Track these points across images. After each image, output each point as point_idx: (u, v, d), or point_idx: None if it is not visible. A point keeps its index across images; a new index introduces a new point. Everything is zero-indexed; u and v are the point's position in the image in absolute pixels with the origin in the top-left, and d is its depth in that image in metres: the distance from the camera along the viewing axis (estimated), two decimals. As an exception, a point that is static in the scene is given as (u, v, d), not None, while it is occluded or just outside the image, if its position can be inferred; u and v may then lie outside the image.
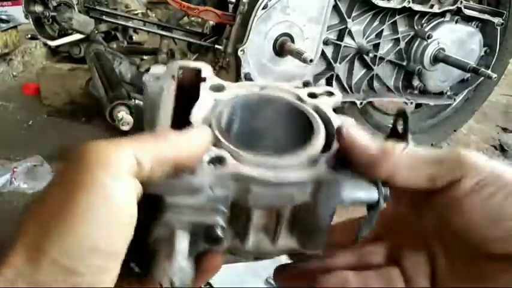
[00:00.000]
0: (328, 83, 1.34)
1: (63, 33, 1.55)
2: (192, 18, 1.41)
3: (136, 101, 1.00)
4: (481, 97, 1.85)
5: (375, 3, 1.24)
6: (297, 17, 1.14)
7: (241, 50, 1.09)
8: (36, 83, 2.40)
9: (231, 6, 1.15)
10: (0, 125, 2.10)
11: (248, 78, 1.14)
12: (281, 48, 1.14)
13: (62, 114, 2.19)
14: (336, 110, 1.37)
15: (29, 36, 1.90)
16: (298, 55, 1.09)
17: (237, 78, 1.15)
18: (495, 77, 1.29)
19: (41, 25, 1.53)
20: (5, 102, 2.35)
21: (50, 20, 1.46)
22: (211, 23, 1.26)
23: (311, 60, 1.06)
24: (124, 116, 0.92)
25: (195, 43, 1.24)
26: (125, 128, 0.93)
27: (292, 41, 1.15)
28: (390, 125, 1.33)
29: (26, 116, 2.19)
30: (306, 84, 1.39)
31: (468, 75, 1.52)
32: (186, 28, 1.31)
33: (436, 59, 1.40)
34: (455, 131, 1.89)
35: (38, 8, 1.48)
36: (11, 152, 1.81)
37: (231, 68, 1.18)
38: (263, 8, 1.07)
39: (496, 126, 2.21)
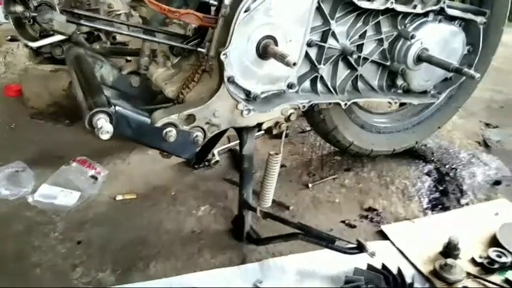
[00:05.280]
0: (313, 84, 1.33)
1: (44, 34, 1.52)
2: (174, 20, 1.39)
3: (117, 108, 0.98)
4: (464, 94, 1.87)
5: (358, 4, 1.23)
6: (280, 19, 1.13)
7: (223, 54, 1.07)
8: (18, 84, 2.36)
9: (213, 9, 1.14)
10: (-18, 128, 2.06)
11: (231, 81, 1.13)
12: (264, 50, 1.13)
13: (45, 116, 2.16)
14: (320, 110, 1.37)
15: (9, 38, 1.87)
16: (281, 58, 1.08)
17: (220, 82, 1.13)
18: (478, 77, 1.30)
19: (21, 26, 1.50)
20: (-14, 104, 2.31)
21: (31, 20, 1.42)
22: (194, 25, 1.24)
23: (294, 64, 1.05)
24: (103, 124, 0.91)
25: (177, 46, 1.22)
26: (105, 137, 0.91)
27: (276, 43, 1.14)
28: (375, 124, 1.34)
29: (8, 118, 2.16)
30: (290, 86, 1.40)
31: (452, 74, 1.53)
32: (167, 31, 1.29)
33: (420, 59, 1.40)
34: (439, 127, 1.90)
35: (18, 9, 1.44)
36: (-8, 157, 1.77)
37: (214, 72, 1.17)
38: (245, 11, 1.06)
39: (479, 121, 2.24)
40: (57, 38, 1.47)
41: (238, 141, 1.79)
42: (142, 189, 1.61)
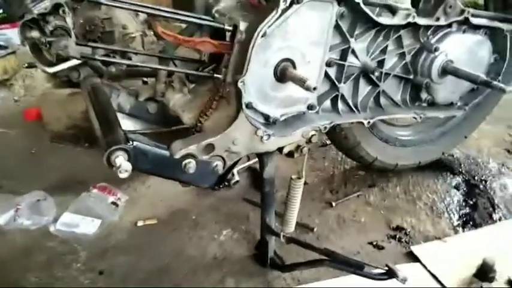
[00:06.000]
0: (333, 103, 1.29)
1: (61, 58, 1.52)
2: (190, 44, 1.37)
3: (135, 143, 0.96)
4: (492, 101, 1.79)
5: (378, 21, 1.19)
6: (298, 41, 1.09)
7: (241, 81, 1.04)
8: (38, 108, 2.38)
9: (228, 34, 1.11)
10: (3, 154, 2.08)
11: (250, 107, 1.10)
12: (282, 74, 1.10)
13: (64, 139, 2.16)
14: (342, 128, 1.33)
15: (26, 65, 1.87)
16: (300, 82, 1.04)
17: (239, 109, 1.10)
18: (510, 90, 1.23)
19: (38, 50, 1.50)
20: (8, 129, 2.34)
21: (47, 45, 1.42)
22: (209, 50, 1.21)
23: (314, 88, 1.01)
24: (122, 163, 0.89)
25: (193, 74, 1.19)
26: (123, 175, 0.89)
27: (294, 66, 1.11)
28: (399, 137, 1.28)
29: (28, 143, 2.17)
30: (310, 107, 1.35)
31: (478, 84, 1.46)
32: (183, 57, 1.27)
33: (445, 72, 1.34)
34: (466, 137, 1.83)
35: (35, 34, 1.44)
36: (14, 184, 1.79)
37: (231, 98, 1.14)
38: (262, 36, 1.03)
39: (507, 127, 2.15)
40: (74, 62, 1.46)
41: (257, 159, 1.77)
42: (163, 214, 1.59)
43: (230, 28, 1.08)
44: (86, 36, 1.95)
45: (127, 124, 1.49)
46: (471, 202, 1.59)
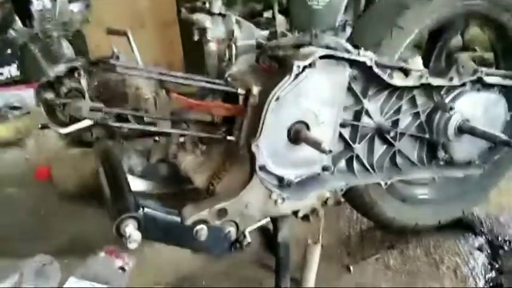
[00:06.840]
0: (348, 164, 1.26)
1: (74, 119, 1.53)
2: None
3: (146, 210, 0.93)
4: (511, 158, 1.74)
5: (391, 83, 1.18)
6: (311, 103, 1.08)
7: (255, 145, 1.02)
8: (48, 167, 2.37)
9: (241, 97, 1.10)
10: (11, 215, 2.05)
11: (264, 170, 1.08)
12: (296, 136, 1.08)
13: (74, 199, 2.14)
14: (358, 189, 1.25)
15: (40, 126, 1.88)
16: (315, 145, 1.02)
17: (252, 171, 1.07)
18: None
19: (52, 111, 1.51)
20: (17, 188, 2.32)
21: (62, 106, 1.43)
22: (222, 112, 1.21)
23: (330, 151, 0.99)
24: (132, 233, 0.85)
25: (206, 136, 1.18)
26: (132, 246, 0.86)
27: (308, 127, 1.09)
28: (417, 195, 1.21)
29: (37, 203, 2.15)
30: (325, 169, 1.31)
31: (496, 142, 1.43)
32: (195, 119, 1.26)
33: (461, 131, 1.32)
34: (486, 195, 1.76)
35: (49, 96, 1.46)
36: (20, 246, 1.74)
37: (244, 161, 1.11)
38: (276, 100, 1.02)
39: (527, 183, 2.07)
40: (87, 122, 1.47)
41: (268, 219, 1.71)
42: (171, 279, 1.52)
43: (243, 92, 1.08)
44: (99, 97, 1.99)
45: (138, 185, 1.47)
46: (496, 265, 1.50)
